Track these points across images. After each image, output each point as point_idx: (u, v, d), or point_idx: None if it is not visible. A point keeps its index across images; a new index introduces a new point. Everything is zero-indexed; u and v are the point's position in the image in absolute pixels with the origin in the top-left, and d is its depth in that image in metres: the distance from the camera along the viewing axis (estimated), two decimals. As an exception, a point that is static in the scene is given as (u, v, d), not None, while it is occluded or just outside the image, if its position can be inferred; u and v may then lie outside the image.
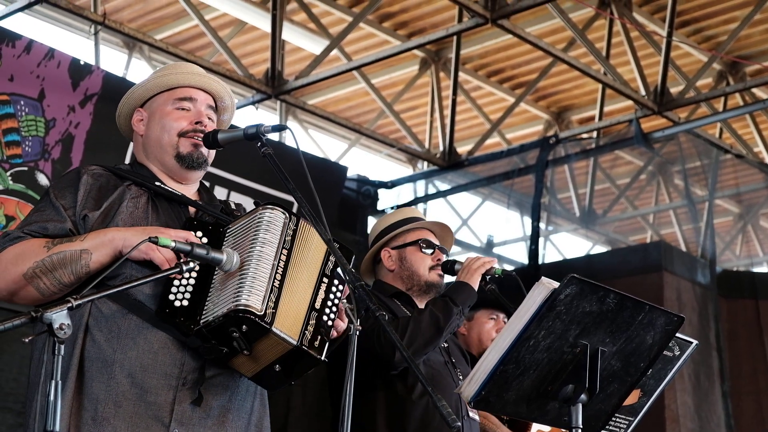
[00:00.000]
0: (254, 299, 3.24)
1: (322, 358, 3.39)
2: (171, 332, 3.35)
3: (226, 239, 3.44)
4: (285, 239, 3.39)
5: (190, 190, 3.74)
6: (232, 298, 3.25)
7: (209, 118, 3.75)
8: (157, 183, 3.63)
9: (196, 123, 3.68)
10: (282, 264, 3.35)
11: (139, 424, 3.30)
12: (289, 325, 3.32)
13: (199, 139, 3.66)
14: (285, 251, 3.38)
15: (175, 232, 3.37)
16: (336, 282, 3.51)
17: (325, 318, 3.44)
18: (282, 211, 3.43)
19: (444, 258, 5.00)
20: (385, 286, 4.95)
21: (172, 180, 3.69)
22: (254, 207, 3.50)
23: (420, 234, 5.01)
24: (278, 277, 3.33)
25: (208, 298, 3.34)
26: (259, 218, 3.40)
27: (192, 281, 3.36)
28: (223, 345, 3.30)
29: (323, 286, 3.48)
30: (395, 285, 4.93)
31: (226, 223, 3.51)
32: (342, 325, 3.53)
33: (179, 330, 3.34)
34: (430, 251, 4.96)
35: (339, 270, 3.48)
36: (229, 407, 3.46)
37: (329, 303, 3.47)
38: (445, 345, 4.85)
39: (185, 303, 3.34)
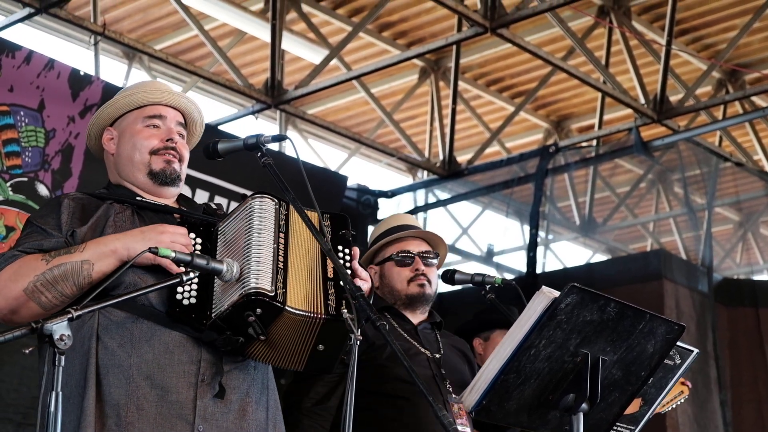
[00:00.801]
0: (263, 281, 3.24)
1: (354, 322, 3.29)
2: (184, 330, 3.36)
3: (219, 236, 3.46)
4: (279, 224, 3.40)
5: (169, 203, 3.74)
6: (241, 285, 3.25)
7: (180, 135, 3.75)
8: (139, 198, 3.64)
9: (167, 140, 3.68)
10: (282, 247, 3.36)
11: (164, 425, 3.29)
12: (304, 302, 3.32)
13: (172, 155, 3.67)
14: (282, 234, 3.39)
15: (173, 228, 3.39)
16: (340, 247, 3.50)
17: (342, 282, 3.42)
18: (271, 197, 3.44)
19: (423, 267, 4.82)
20: (377, 300, 4.89)
21: (149, 195, 3.69)
22: (243, 200, 3.51)
23: (398, 246, 4.85)
24: (281, 259, 3.33)
25: (214, 293, 3.35)
26: (250, 208, 3.41)
27: (196, 278, 3.35)
28: (239, 334, 3.30)
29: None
30: (384, 299, 4.89)
31: (215, 223, 3.52)
32: (364, 273, 3.52)
33: (192, 327, 3.34)
34: (409, 261, 4.80)
35: (340, 235, 3.49)
36: (248, 401, 3.46)
37: (340, 269, 3.45)
38: (437, 356, 4.73)
39: (193, 301, 3.35)
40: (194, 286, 3.37)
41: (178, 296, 3.35)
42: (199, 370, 3.36)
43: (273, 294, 3.23)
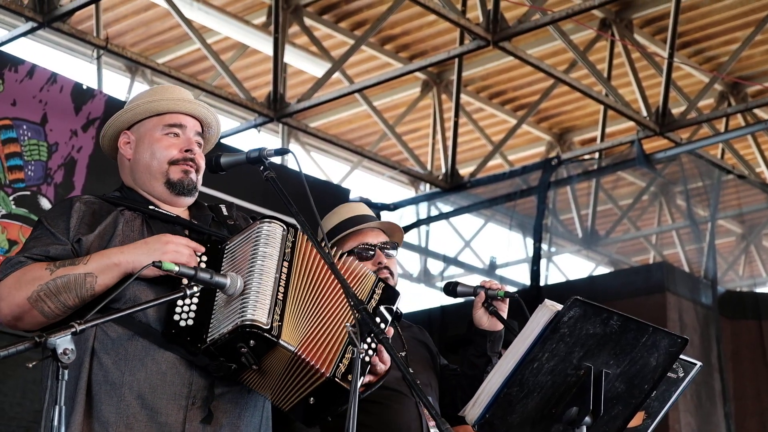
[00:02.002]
0: (260, 313, 3.23)
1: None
2: (178, 352, 3.35)
3: (225, 256, 3.44)
4: (285, 251, 3.39)
5: (181, 211, 3.74)
6: (238, 313, 3.24)
7: (198, 144, 3.75)
8: (151, 207, 3.63)
9: (186, 151, 3.68)
10: (284, 277, 3.35)
11: None
12: (299, 340, 3.31)
13: (189, 166, 3.66)
14: (285, 263, 3.37)
15: (177, 239, 3.38)
16: (378, 319, 3.48)
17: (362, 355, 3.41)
18: (279, 223, 3.43)
19: (385, 260, 4.52)
20: None
21: (163, 204, 3.69)
22: (251, 222, 3.50)
23: (357, 239, 4.53)
24: (281, 290, 3.32)
25: (212, 316, 3.33)
26: (257, 232, 3.40)
27: (195, 299, 3.36)
28: (232, 361, 3.30)
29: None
30: None
31: (223, 240, 3.51)
32: (382, 366, 3.51)
33: (186, 349, 3.33)
34: (371, 254, 4.48)
35: (382, 308, 3.47)
36: (238, 424, 3.45)
37: (368, 340, 3.44)
38: (402, 354, 4.40)
39: (190, 322, 3.33)
40: (193, 307, 3.36)
41: (176, 317, 3.34)
42: (190, 393, 3.36)
43: (268, 327, 3.23)
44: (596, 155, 10.73)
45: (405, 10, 9.36)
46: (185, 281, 3.26)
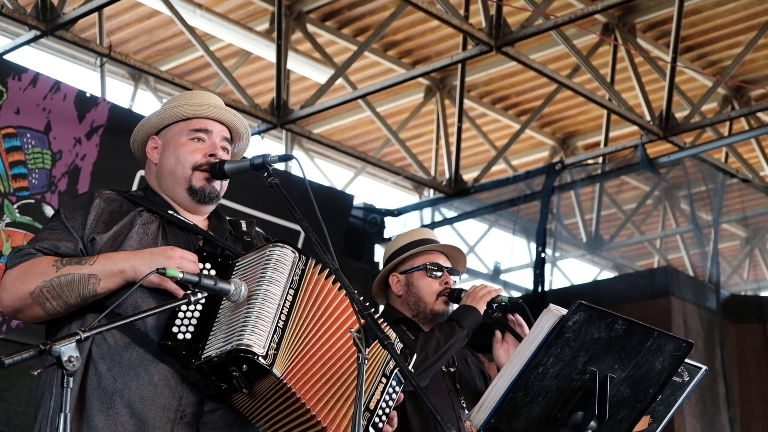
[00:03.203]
0: (256, 339, 3.21)
1: None
2: (172, 365, 3.34)
3: (234, 272, 3.41)
4: (293, 279, 3.36)
5: (200, 219, 3.73)
6: (236, 336, 3.22)
7: (224, 149, 3.73)
8: (170, 212, 3.62)
9: (210, 156, 3.66)
10: (287, 304, 3.32)
11: None
12: (336, 420, 3.35)
13: (207, 171, 3.65)
14: (291, 291, 3.34)
15: (181, 252, 3.36)
16: (394, 384, 3.50)
17: (376, 418, 3.44)
18: (292, 249, 3.39)
19: (452, 282, 4.87)
20: (392, 312, 4.88)
21: (183, 210, 3.68)
22: (264, 243, 3.48)
23: (428, 257, 4.88)
24: (282, 318, 3.30)
25: (211, 332, 3.31)
26: (268, 256, 3.37)
27: (197, 314, 3.34)
28: (223, 381, 3.28)
29: (380, 387, 3.47)
30: (402, 311, 4.85)
31: (236, 255, 3.49)
32: (389, 430, 3.53)
33: (180, 363, 3.32)
34: (439, 274, 4.83)
35: (398, 371, 3.46)
36: None
37: (382, 405, 3.46)
38: (452, 369, 4.76)
39: (188, 336, 3.31)
40: (196, 314, 3.34)
41: (174, 328, 3.32)
42: (179, 407, 3.34)
43: (263, 354, 3.21)
44: (600, 160, 10.72)
45: (408, 16, 9.37)
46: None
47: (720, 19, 9.55)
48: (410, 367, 3.46)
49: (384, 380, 3.48)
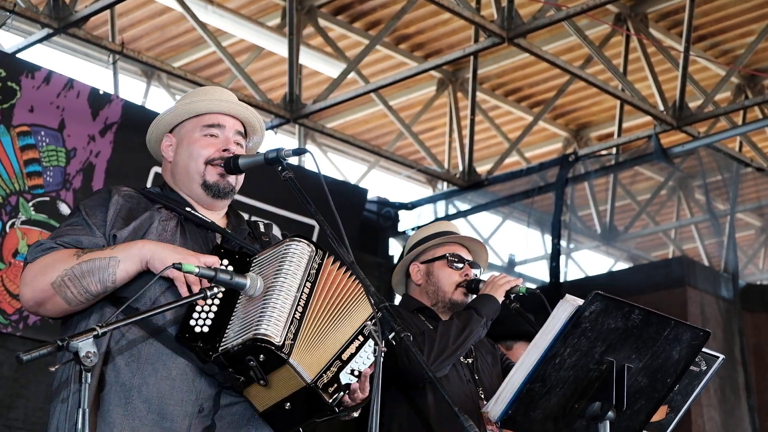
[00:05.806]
0: (273, 329, 3.23)
1: (333, 404, 3.34)
2: (190, 358, 3.35)
3: (252, 268, 3.42)
4: (309, 272, 3.38)
5: (218, 216, 3.74)
6: (253, 326, 3.24)
7: (238, 144, 3.73)
8: (188, 209, 3.63)
9: (224, 150, 3.66)
10: (304, 297, 3.34)
11: None
12: (308, 362, 3.31)
13: (221, 166, 3.65)
14: (308, 284, 3.37)
15: (203, 258, 3.35)
16: (370, 343, 3.46)
17: (348, 371, 3.41)
18: (308, 243, 3.42)
19: (473, 274, 4.90)
20: (410, 301, 4.92)
21: (200, 207, 3.69)
22: (282, 239, 3.50)
23: (450, 248, 4.92)
24: (299, 309, 3.32)
25: (228, 326, 3.33)
26: (285, 250, 3.39)
27: (214, 308, 3.35)
28: (240, 373, 3.29)
29: (356, 343, 3.45)
30: (421, 300, 4.89)
31: (253, 252, 3.50)
32: (360, 395, 3.48)
33: (198, 356, 3.33)
34: (459, 266, 4.87)
35: (377, 335, 3.48)
36: None
37: (356, 361, 3.44)
38: (470, 360, 4.79)
39: (205, 329, 3.33)
40: (213, 308, 3.36)
41: (192, 321, 3.33)
42: (197, 400, 3.35)
43: (280, 344, 3.23)
44: (613, 150, 10.71)
45: (419, 9, 9.36)
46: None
47: (732, 7, 9.51)
48: (425, 357, 3.45)
49: (361, 338, 3.46)
